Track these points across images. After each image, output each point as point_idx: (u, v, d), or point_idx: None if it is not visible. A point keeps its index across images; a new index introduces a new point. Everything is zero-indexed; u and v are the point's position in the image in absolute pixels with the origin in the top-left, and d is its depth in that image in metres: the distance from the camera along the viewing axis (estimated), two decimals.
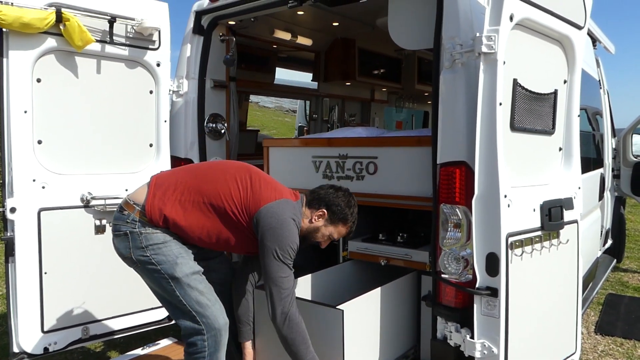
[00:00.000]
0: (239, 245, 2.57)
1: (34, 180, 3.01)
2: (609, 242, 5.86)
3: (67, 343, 3.15)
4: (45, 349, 3.06)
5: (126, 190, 3.35)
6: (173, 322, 3.61)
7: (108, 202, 3.26)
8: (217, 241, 2.55)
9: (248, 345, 2.83)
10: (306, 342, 2.46)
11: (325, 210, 2.61)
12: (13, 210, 2.93)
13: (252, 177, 2.53)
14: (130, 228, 2.48)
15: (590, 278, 4.56)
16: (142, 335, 3.96)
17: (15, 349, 2.98)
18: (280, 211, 2.45)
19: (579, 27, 2.77)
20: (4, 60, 2.88)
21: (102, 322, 3.31)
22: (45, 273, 3.05)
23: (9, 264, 2.96)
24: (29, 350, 3.00)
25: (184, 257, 2.50)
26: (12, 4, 2.82)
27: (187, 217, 2.47)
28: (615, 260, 6.05)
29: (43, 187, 3.04)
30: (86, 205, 3.21)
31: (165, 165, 3.54)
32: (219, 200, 2.47)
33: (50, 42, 3.00)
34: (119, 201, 3.27)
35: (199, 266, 2.56)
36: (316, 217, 2.61)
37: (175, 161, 3.65)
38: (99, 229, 3.27)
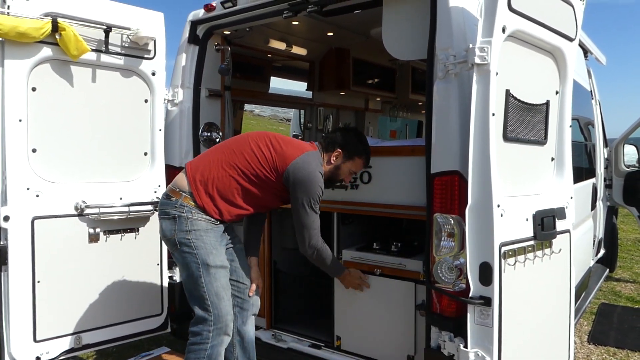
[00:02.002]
0: (274, 200, 2.88)
1: (28, 189, 3.00)
2: (602, 251, 5.89)
3: (59, 352, 3.14)
4: (38, 358, 3.05)
5: (120, 198, 3.35)
6: (166, 331, 3.61)
7: (102, 210, 3.25)
8: (255, 201, 2.82)
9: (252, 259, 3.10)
10: (330, 257, 2.94)
11: (340, 150, 2.90)
12: (7, 218, 2.92)
13: (272, 141, 2.81)
14: (179, 212, 2.70)
15: (583, 288, 4.58)
16: (135, 345, 3.94)
17: (7, 359, 2.96)
18: (306, 165, 2.75)
19: (570, 39, 2.80)
20: (0, 69, 2.88)
21: (95, 331, 3.29)
22: (38, 282, 3.04)
23: (2, 273, 2.94)
24: (20, 359, 2.98)
25: (218, 250, 2.74)
26: (8, 13, 2.83)
27: (226, 189, 2.75)
28: (608, 269, 6.09)
29: (37, 196, 3.04)
30: (80, 213, 3.20)
31: (160, 174, 3.54)
32: (249, 168, 2.75)
33: (46, 51, 3.01)
34: (113, 210, 3.29)
35: (227, 263, 2.79)
36: (334, 158, 2.91)
37: (170, 170, 3.66)
38: (93, 238, 3.26)
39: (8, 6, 2.85)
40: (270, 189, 2.79)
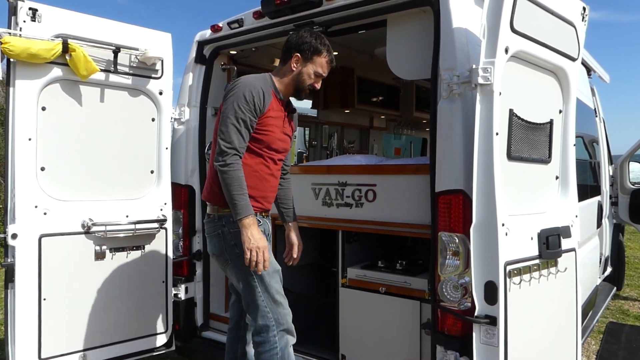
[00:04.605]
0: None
1: (35, 207, 3.03)
2: (609, 269, 5.84)
3: None
4: None
5: (127, 216, 3.37)
6: (171, 349, 3.60)
7: (108, 228, 3.27)
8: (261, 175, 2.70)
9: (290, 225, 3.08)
10: (237, 182, 2.51)
11: (297, 53, 2.70)
12: (14, 236, 2.94)
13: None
14: (220, 228, 2.66)
15: (590, 306, 4.54)
16: None
17: None
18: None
19: (573, 59, 2.83)
20: (11, 89, 2.94)
21: (100, 348, 3.29)
22: (45, 299, 3.05)
23: (9, 290, 2.96)
24: None
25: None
26: (20, 35, 2.89)
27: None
28: (615, 288, 6.03)
29: (45, 214, 3.06)
30: (87, 231, 3.22)
31: (166, 192, 3.56)
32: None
33: (56, 71, 3.06)
34: (120, 227, 3.31)
35: (277, 264, 2.73)
36: (294, 64, 2.71)
37: (176, 188, 3.68)
38: (99, 255, 3.28)
39: (20, 28, 2.91)
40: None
